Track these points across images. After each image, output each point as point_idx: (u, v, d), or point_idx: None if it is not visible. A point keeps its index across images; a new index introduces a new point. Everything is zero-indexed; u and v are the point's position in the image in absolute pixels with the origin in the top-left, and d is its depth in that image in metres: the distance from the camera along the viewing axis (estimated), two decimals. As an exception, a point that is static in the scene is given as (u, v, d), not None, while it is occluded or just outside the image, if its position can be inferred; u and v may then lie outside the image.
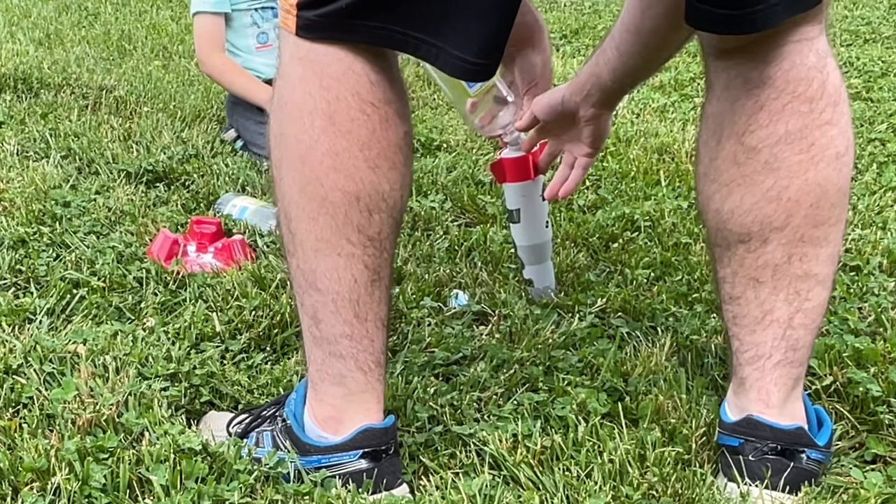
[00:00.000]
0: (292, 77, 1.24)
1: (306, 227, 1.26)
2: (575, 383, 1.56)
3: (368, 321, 1.29)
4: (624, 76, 1.60)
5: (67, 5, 5.28)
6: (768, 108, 1.28)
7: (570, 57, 4.46)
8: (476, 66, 1.22)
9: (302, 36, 1.23)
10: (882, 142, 3.02)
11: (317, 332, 1.30)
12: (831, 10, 5.29)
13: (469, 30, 1.20)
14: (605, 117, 1.72)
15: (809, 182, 1.29)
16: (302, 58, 1.23)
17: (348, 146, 1.22)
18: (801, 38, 1.27)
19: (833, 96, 1.29)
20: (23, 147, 2.74)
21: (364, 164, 1.23)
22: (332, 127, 1.22)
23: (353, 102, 1.22)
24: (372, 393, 1.32)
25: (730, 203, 1.33)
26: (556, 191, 1.84)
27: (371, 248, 1.26)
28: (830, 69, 1.29)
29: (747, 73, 1.29)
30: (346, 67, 1.22)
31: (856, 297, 1.90)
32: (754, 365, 1.36)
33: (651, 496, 1.30)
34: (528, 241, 1.91)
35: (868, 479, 1.35)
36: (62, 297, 1.82)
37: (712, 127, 1.35)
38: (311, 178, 1.24)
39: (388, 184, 1.25)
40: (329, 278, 1.27)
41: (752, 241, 1.33)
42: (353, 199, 1.24)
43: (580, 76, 1.67)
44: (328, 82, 1.22)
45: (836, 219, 1.32)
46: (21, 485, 1.25)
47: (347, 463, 1.29)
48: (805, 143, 1.28)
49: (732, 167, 1.32)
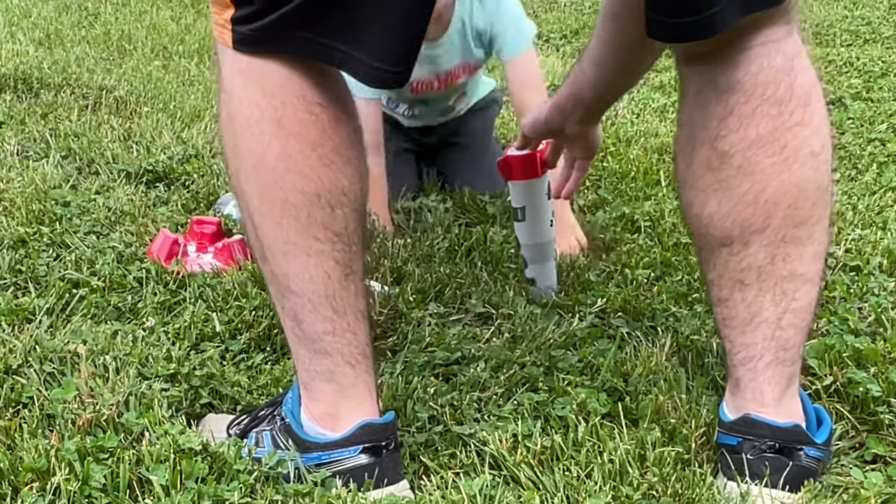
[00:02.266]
0: (236, 90, 1.26)
1: (272, 233, 1.27)
2: (575, 383, 1.56)
3: (348, 314, 1.30)
4: (605, 91, 1.64)
5: (67, 5, 5.28)
6: (738, 113, 1.29)
7: (570, 57, 4.46)
8: (394, 75, 1.23)
9: (239, 49, 1.24)
10: (882, 142, 3.02)
11: (300, 332, 1.31)
12: (831, 10, 5.29)
13: (387, 39, 1.21)
14: (592, 131, 1.76)
15: (785, 183, 1.29)
16: (242, 70, 1.25)
17: (300, 147, 1.24)
18: (767, 41, 1.28)
19: (802, 98, 1.29)
20: (23, 147, 2.74)
21: (318, 163, 1.25)
22: (281, 131, 1.23)
23: (300, 105, 1.24)
24: (363, 385, 1.33)
25: (708, 208, 1.33)
26: (559, 190, 1.86)
27: (339, 244, 1.28)
28: (798, 70, 1.29)
29: (716, 77, 1.30)
30: (287, 75, 1.24)
31: (856, 297, 1.90)
32: (747, 366, 1.36)
33: (651, 496, 1.29)
34: (532, 239, 1.91)
35: (868, 479, 1.35)
36: (62, 296, 1.82)
37: (687, 133, 1.36)
38: (269, 184, 1.25)
39: (346, 179, 1.27)
40: (302, 279, 1.28)
41: (733, 244, 1.33)
42: (313, 197, 1.25)
43: (559, 97, 1.70)
44: (272, 89, 1.24)
45: (818, 217, 1.32)
46: (21, 485, 1.25)
47: (348, 458, 1.30)
48: (777, 145, 1.29)
49: (707, 173, 1.32)
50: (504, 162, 1.87)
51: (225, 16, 1.24)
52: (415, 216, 2.39)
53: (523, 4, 2.54)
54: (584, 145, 1.79)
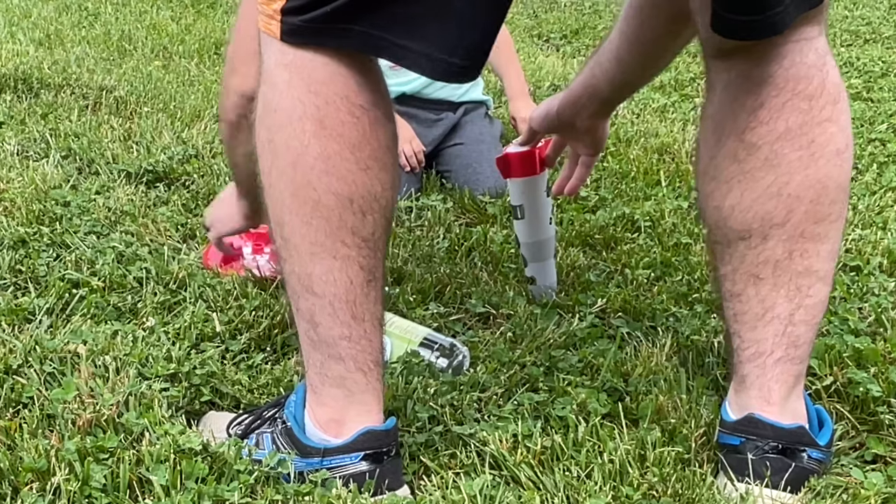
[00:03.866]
0: (279, 83, 1.24)
1: (300, 232, 1.26)
2: (575, 383, 1.56)
3: (366, 321, 1.29)
4: (623, 85, 1.64)
5: (67, 5, 5.28)
6: (768, 106, 1.29)
7: (570, 57, 4.47)
8: (460, 69, 1.22)
9: (287, 41, 1.23)
10: (882, 142, 3.03)
11: (314, 335, 1.30)
12: (831, 10, 5.30)
13: (456, 34, 1.20)
14: (602, 124, 1.75)
15: (810, 178, 1.30)
16: (288, 64, 1.23)
17: (340, 149, 1.23)
18: (801, 38, 1.28)
19: (833, 94, 1.30)
20: (23, 147, 2.74)
21: (356, 167, 1.24)
22: (322, 131, 1.22)
23: (343, 106, 1.23)
24: (372, 393, 1.32)
25: (730, 200, 1.34)
26: (563, 187, 1.85)
27: (366, 249, 1.27)
28: (830, 67, 1.30)
29: (748, 71, 1.30)
30: (332, 71, 1.22)
31: (856, 297, 1.90)
32: (755, 362, 1.36)
33: (651, 496, 1.30)
34: (532, 237, 1.91)
35: (868, 479, 1.35)
36: (62, 296, 1.82)
37: (712, 126, 1.35)
38: (304, 183, 1.24)
39: (380, 185, 1.26)
40: (325, 281, 1.27)
41: (752, 237, 1.33)
42: (346, 201, 1.24)
43: (573, 90, 1.69)
44: (316, 87, 1.22)
45: (837, 215, 1.33)
46: (21, 485, 1.25)
47: (349, 465, 1.29)
48: (805, 139, 1.29)
49: (733, 164, 1.33)
50: (503, 159, 1.87)
51: (274, 6, 1.22)
52: (415, 216, 2.39)
53: (524, 5, 2.55)
54: (592, 141, 1.77)
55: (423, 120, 2.75)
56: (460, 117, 2.78)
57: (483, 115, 2.84)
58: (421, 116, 2.75)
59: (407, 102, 2.75)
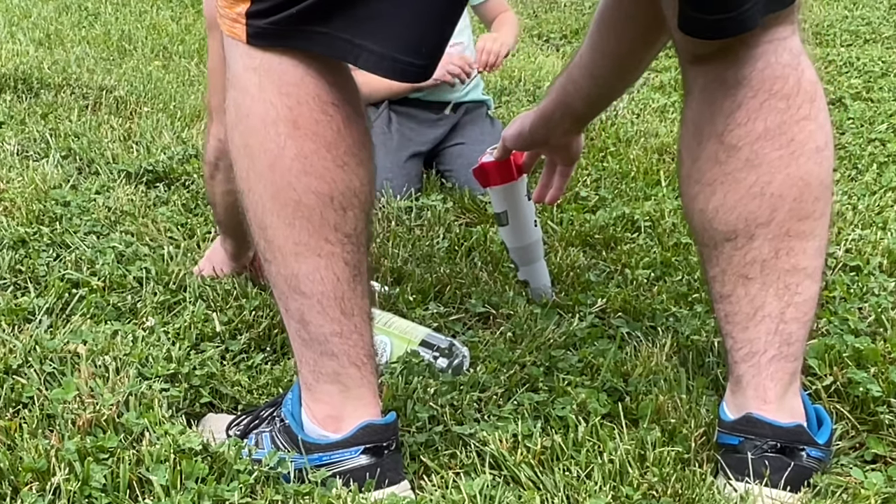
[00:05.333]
0: (249, 87, 1.25)
1: (283, 234, 1.26)
2: (575, 383, 1.56)
3: (355, 316, 1.30)
4: (598, 99, 1.66)
5: (67, 5, 5.28)
6: (746, 107, 1.30)
7: (570, 57, 4.46)
8: (419, 68, 1.23)
9: (253, 44, 1.23)
10: (882, 142, 3.03)
11: (305, 334, 1.31)
12: (831, 10, 5.29)
13: (416, 34, 1.21)
14: (576, 140, 1.78)
15: (791, 176, 1.31)
16: (256, 67, 1.24)
17: (316, 148, 1.23)
18: (774, 38, 1.30)
19: (809, 92, 1.31)
20: (23, 147, 2.74)
21: (333, 164, 1.24)
22: (297, 131, 1.23)
23: (315, 105, 1.23)
24: (368, 387, 1.33)
25: (714, 202, 1.34)
26: (543, 195, 1.87)
27: (349, 245, 1.28)
28: (805, 66, 1.31)
29: (723, 74, 1.31)
30: (302, 73, 1.23)
31: (856, 297, 1.90)
32: (749, 362, 1.36)
33: (651, 496, 1.29)
34: (519, 242, 1.92)
35: (868, 479, 1.35)
36: (62, 296, 1.82)
37: (692, 130, 1.37)
38: (283, 185, 1.24)
39: (358, 180, 1.27)
40: (312, 280, 1.27)
41: (738, 238, 1.34)
42: (326, 199, 1.25)
43: (545, 107, 1.71)
44: (287, 88, 1.23)
45: (821, 212, 1.33)
46: (21, 485, 1.25)
47: (349, 459, 1.30)
48: (784, 138, 1.30)
49: (714, 166, 1.33)
50: (480, 170, 1.88)
51: (238, 10, 1.23)
52: (415, 216, 2.39)
53: (523, 5, 2.56)
54: (566, 155, 1.81)
55: (424, 120, 2.76)
56: (461, 117, 2.79)
57: (484, 115, 2.85)
58: (421, 117, 2.75)
59: (408, 103, 2.75)
